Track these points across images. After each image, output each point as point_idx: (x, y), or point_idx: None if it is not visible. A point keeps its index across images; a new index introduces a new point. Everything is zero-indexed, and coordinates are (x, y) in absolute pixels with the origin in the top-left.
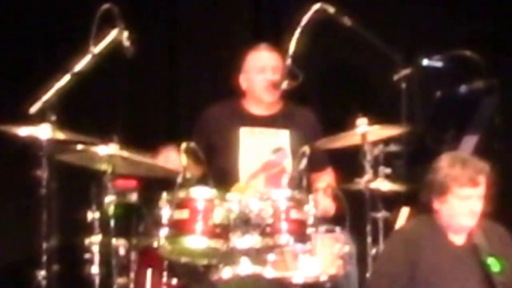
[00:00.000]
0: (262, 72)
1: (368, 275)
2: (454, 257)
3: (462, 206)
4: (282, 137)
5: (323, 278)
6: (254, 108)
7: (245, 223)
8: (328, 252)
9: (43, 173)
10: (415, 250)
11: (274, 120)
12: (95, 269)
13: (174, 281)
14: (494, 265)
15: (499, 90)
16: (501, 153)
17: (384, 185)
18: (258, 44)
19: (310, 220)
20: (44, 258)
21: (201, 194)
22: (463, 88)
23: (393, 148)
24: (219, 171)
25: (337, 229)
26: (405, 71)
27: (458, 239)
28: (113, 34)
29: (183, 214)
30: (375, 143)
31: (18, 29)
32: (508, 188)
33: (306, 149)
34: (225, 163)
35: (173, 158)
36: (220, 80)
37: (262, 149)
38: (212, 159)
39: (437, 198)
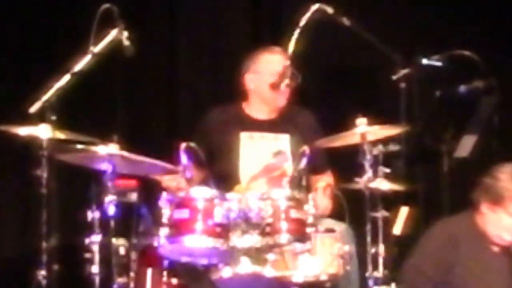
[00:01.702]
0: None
1: (365, 273)
2: (488, 263)
3: (510, 222)
4: (282, 141)
5: (323, 277)
6: (255, 112)
7: (245, 222)
8: (328, 252)
9: (43, 173)
10: (456, 250)
11: (274, 125)
12: (95, 269)
13: (174, 280)
14: None
15: (498, 90)
16: (500, 153)
17: (383, 185)
18: (270, 46)
19: (310, 220)
20: (44, 257)
21: (201, 193)
22: (462, 88)
23: (392, 147)
24: (220, 176)
25: (342, 225)
26: (404, 71)
27: (494, 246)
28: (113, 34)
29: (183, 213)
30: (374, 143)
31: (18, 29)
32: None
33: (306, 148)
34: (226, 168)
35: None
36: (220, 80)
37: (263, 153)
38: (212, 164)
39: (488, 204)
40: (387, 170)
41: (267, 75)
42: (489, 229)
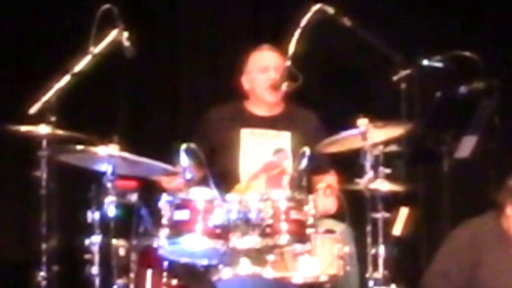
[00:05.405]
0: (265, 71)
1: (365, 274)
2: None
3: None
4: (283, 138)
5: (323, 278)
6: (256, 109)
7: (245, 223)
8: (328, 253)
9: (42, 174)
10: (479, 251)
11: (276, 122)
12: (95, 270)
13: (174, 281)
14: None
15: (498, 91)
16: (500, 154)
17: (383, 186)
18: (260, 45)
19: (310, 221)
20: (44, 258)
21: (201, 195)
22: (462, 89)
23: (393, 148)
24: (220, 172)
25: (342, 226)
26: (405, 72)
27: None
28: (113, 34)
29: (183, 214)
30: (375, 144)
31: (18, 29)
32: None
33: (306, 149)
34: (226, 164)
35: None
36: (221, 81)
37: (263, 150)
38: (213, 160)
39: None
40: (388, 171)
41: (256, 71)
42: None
